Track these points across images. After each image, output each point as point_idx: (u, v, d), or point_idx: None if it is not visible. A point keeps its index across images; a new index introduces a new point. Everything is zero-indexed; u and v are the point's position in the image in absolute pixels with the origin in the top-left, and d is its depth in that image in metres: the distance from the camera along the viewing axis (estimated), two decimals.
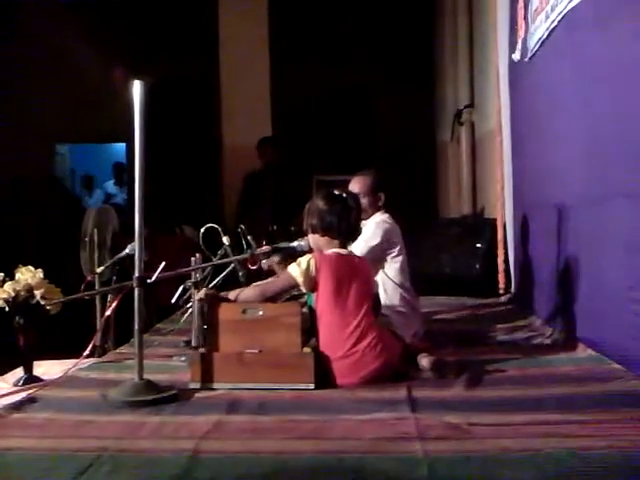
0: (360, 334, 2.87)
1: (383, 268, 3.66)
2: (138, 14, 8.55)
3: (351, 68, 8.83)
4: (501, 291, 5.63)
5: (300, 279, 2.91)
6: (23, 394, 2.78)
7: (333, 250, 3.02)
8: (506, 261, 5.62)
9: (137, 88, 2.67)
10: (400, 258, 3.69)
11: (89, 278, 3.81)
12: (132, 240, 2.88)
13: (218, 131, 7.89)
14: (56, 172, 10.29)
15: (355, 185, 3.74)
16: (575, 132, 3.59)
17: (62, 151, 10.67)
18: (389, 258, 3.67)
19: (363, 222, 3.62)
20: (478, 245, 5.88)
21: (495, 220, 5.87)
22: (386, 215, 3.76)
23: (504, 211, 5.65)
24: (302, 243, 3.18)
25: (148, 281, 2.70)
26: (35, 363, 3.12)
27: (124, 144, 9.98)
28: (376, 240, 3.61)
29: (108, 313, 3.33)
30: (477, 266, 5.78)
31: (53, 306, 3.03)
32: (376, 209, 3.76)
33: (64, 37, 8.06)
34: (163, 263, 2.87)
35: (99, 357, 3.51)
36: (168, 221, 6.90)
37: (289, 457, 2.02)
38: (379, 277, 3.62)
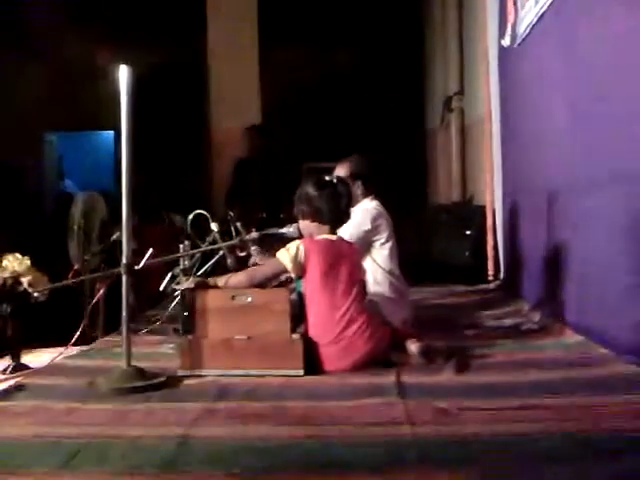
0: (349, 319, 2.87)
1: (371, 254, 3.65)
2: (125, 2, 8.46)
3: (341, 53, 8.80)
4: (490, 277, 5.65)
5: (289, 265, 2.90)
6: (11, 382, 2.77)
7: (323, 236, 3.01)
8: (495, 248, 5.63)
9: (123, 73, 2.65)
10: (389, 245, 3.68)
11: (77, 266, 3.79)
12: (121, 228, 2.86)
13: (207, 118, 7.85)
14: (44, 160, 10.20)
15: (338, 171, 3.74)
16: (564, 117, 3.59)
17: (51, 139, 10.58)
18: (378, 245, 3.66)
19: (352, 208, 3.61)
20: (467, 232, 5.89)
21: (484, 207, 5.87)
22: (375, 202, 3.75)
23: (493, 198, 5.65)
24: (291, 229, 3.18)
25: (135, 268, 2.68)
26: (23, 351, 3.11)
27: (112, 132, 9.91)
28: (365, 226, 3.61)
29: (95, 300, 3.32)
30: (466, 253, 5.79)
31: (40, 293, 3.01)
32: (361, 195, 3.74)
33: (50, 23, 7.99)
34: (150, 250, 2.86)
35: (87, 345, 3.50)
36: (157, 209, 6.86)
37: (278, 443, 2.02)
38: (368, 264, 3.61)
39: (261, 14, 7.56)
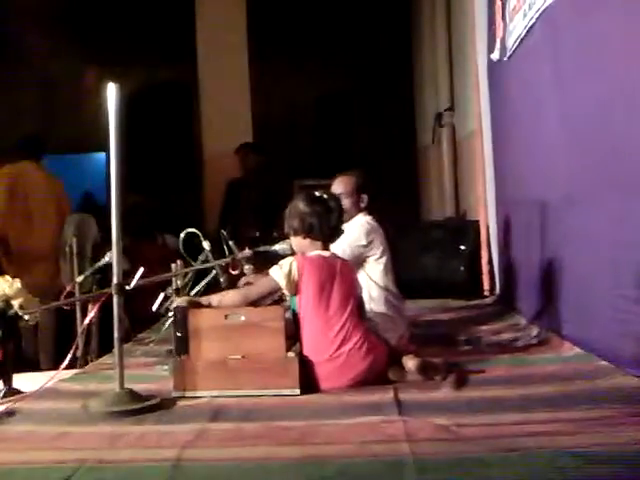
0: (345, 336, 2.84)
1: (365, 270, 3.62)
2: (115, 20, 8.46)
3: (331, 72, 8.81)
4: (486, 293, 5.62)
5: (283, 282, 2.87)
6: (2, 407, 2.72)
7: (315, 252, 2.98)
8: (490, 262, 5.60)
9: (111, 91, 2.62)
10: (383, 260, 3.65)
11: (69, 288, 3.76)
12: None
13: (198, 138, 7.84)
14: None
15: (338, 186, 3.71)
16: (556, 129, 3.58)
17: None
18: (372, 260, 3.63)
19: (346, 223, 3.59)
20: (462, 247, 5.86)
21: (478, 222, 5.86)
22: (369, 217, 3.73)
23: (487, 212, 5.64)
24: (284, 246, 3.15)
25: (127, 288, 2.65)
26: (15, 375, 3.06)
27: (104, 154, 9.89)
28: (359, 241, 3.58)
29: (87, 321, 3.28)
30: (461, 268, 5.76)
31: (31, 316, 2.97)
32: (359, 210, 3.72)
33: (40, 46, 7.99)
34: (141, 269, 2.83)
35: (80, 368, 3.46)
36: (150, 230, 6.84)
37: (275, 464, 1.98)
38: (363, 280, 3.58)
39: (251, 34, 7.56)
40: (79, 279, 3.76)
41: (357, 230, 3.62)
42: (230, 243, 3.43)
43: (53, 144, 9.18)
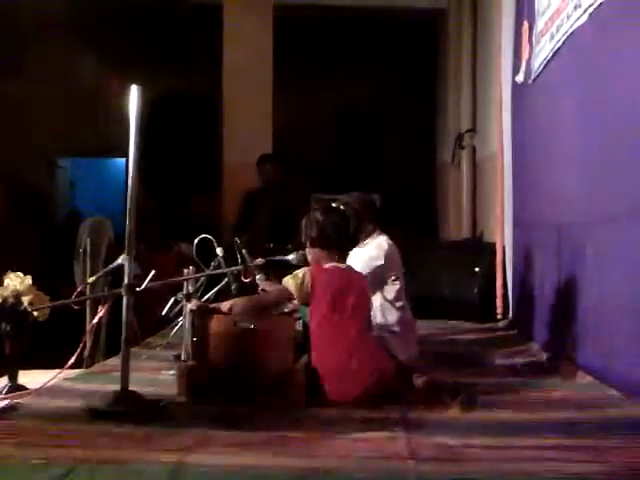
0: (353, 351, 2.80)
1: (382, 290, 3.60)
2: (140, 30, 8.53)
3: (353, 89, 8.83)
4: (499, 316, 5.56)
5: (295, 292, 2.84)
6: (5, 402, 2.71)
7: (331, 264, 2.95)
8: (504, 285, 5.55)
9: (134, 93, 2.62)
10: (399, 280, 3.64)
11: (80, 288, 3.75)
12: None
13: (219, 148, 7.86)
14: (55, 185, 10.23)
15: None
16: (577, 152, 3.56)
17: (64, 165, 10.63)
18: (389, 281, 3.62)
19: (364, 242, 3.57)
20: (476, 269, 5.81)
21: (494, 244, 5.81)
22: (384, 236, 3.70)
23: (504, 235, 5.59)
24: (297, 256, 3.12)
25: (137, 289, 2.63)
26: (21, 373, 3.05)
27: (124, 159, 9.94)
28: (378, 261, 3.56)
29: (95, 321, 3.27)
30: (475, 290, 5.71)
31: (40, 312, 2.97)
32: (373, 231, 3.70)
33: (66, 51, 8.08)
34: (153, 271, 2.81)
35: (86, 368, 3.44)
36: (165, 238, 6.85)
37: (276, 473, 1.96)
38: (378, 299, 3.56)
39: (276, 48, 7.58)
40: (90, 280, 3.75)
41: (376, 250, 3.60)
42: (243, 251, 3.41)
43: (76, 147, 9.32)
